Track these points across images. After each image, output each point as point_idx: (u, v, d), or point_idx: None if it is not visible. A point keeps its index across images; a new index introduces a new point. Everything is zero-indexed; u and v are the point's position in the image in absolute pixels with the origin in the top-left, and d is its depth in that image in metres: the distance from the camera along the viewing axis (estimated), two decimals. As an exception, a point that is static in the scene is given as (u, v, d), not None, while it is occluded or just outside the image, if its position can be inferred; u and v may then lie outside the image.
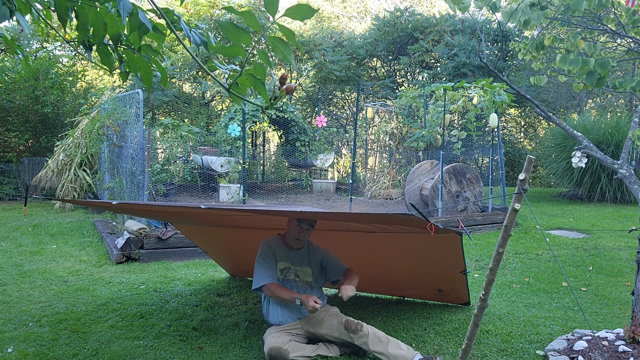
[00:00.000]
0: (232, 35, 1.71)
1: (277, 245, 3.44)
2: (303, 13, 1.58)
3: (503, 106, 8.95)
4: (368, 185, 11.25)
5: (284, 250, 3.42)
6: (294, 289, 3.32)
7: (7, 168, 10.96)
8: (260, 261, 3.34)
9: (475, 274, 5.45)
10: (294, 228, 3.35)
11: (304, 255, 3.44)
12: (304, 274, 3.41)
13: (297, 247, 3.42)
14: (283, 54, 1.67)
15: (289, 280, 3.36)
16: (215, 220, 3.78)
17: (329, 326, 3.19)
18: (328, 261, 3.50)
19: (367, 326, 3.09)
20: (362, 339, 3.02)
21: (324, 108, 15.89)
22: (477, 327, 2.41)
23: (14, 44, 2.79)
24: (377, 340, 3.00)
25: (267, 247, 3.42)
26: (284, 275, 3.36)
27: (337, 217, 3.64)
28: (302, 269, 3.41)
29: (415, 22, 14.03)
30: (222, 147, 9.89)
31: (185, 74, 12.84)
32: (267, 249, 3.40)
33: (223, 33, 1.72)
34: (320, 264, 3.49)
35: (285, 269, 3.38)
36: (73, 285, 4.84)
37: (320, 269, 3.49)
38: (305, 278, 3.40)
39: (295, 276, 3.38)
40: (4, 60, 11.54)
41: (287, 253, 3.42)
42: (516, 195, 2.22)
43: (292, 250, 3.43)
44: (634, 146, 3.78)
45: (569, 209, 9.96)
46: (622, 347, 3.03)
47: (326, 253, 3.54)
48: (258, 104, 1.75)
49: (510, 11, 3.32)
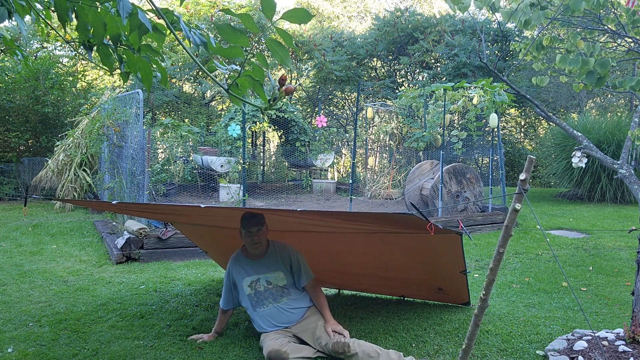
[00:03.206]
0: (230, 37, 1.72)
1: (240, 260, 3.38)
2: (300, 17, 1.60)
3: (503, 106, 8.95)
4: (368, 185, 11.25)
5: (248, 263, 3.35)
6: (268, 298, 3.27)
7: (7, 168, 10.96)
8: (224, 282, 3.46)
9: (475, 274, 5.45)
10: (244, 236, 3.27)
11: (270, 260, 3.35)
12: (276, 280, 3.32)
13: (258, 252, 3.32)
14: (280, 57, 1.68)
15: (260, 292, 3.29)
16: (214, 221, 3.78)
17: (320, 344, 3.12)
18: (298, 267, 3.38)
19: (354, 344, 2.99)
20: (352, 358, 2.96)
21: (324, 108, 15.89)
22: (477, 327, 2.41)
23: (14, 44, 2.79)
24: (367, 357, 2.93)
25: (228, 269, 3.41)
26: (254, 290, 3.30)
27: (337, 216, 3.64)
28: (273, 274, 3.32)
29: (415, 22, 14.03)
30: (222, 147, 9.89)
31: (185, 74, 12.85)
32: (227, 272, 3.42)
33: (220, 35, 1.73)
34: (290, 267, 3.37)
35: (253, 282, 3.31)
36: (73, 285, 4.84)
37: (290, 269, 3.37)
38: (278, 283, 3.31)
39: (267, 284, 3.29)
40: (4, 60, 11.54)
41: (252, 264, 3.33)
42: (517, 195, 2.22)
43: (257, 258, 3.35)
44: (634, 146, 3.78)
45: (569, 209, 9.96)
46: (622, 347, 3.03)
47: (295, 255, 3.40)
48: (257, 105, 1.75)
49: (510, 11, 3.32)
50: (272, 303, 3.28)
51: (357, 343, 3.01)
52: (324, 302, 3.35)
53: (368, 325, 3.65)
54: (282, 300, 3.29)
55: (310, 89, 15.92)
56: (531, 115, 17.27)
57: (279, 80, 1.78)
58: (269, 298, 3.28)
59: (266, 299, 3.29)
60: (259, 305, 3.30)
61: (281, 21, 1.62)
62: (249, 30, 1.71)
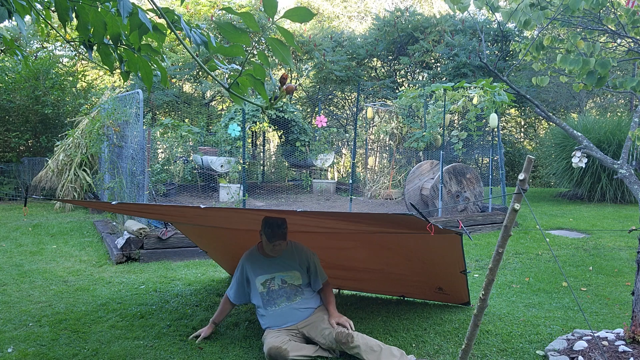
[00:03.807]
0: (231, 36, 1.72)
1: (256, 258, 3.38)
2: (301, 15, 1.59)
3: (503, 106, 8.95)
4: (368, 185, 11.25)
5: (263, 261, 3.36)
6: (282, 297, 3.28)
7: (7, 168, 10.96)
8: (236, 277, 3.43)
9: (475, 274, 5.45)
10: (265, 242, 3.28)
11: (287, 259, 3.36)
12: (292, 279, 3.33)
13: (277, 255, 3.36)
14: (282, 56, 1.68)
15: (273, 291, 3.30)
16: (214, 221, 3.78)
17: (323, 336, 3.15)
18: (314, 269, 3.41)
19: (358, 336, 3.02)
20: (355, 349, 2.98)
21: (324, 108, 15.89)
22: (477, 327, 2.42)
23: (14, 44, 2.79)
24: (370, 350, 2.95)
25: (241, 265, 3.41)
26: (267, 288, 3.31)
27: (337, 216, 3.64)
28: (289, 274, 3.33)
29: (415, 22, 14.03)
30: (222, 147, 9.89)
31: (185, 74, 12.85)
32: (240, 267, 3.41)
33: (222, 33, 1.73)
34: (307, 268, 3.40)
35: (267, 281, 3.32)
36: (73, 285, 4.84)
37: (307, 271, 3.40)
38: (293, 282, 3.32)
39: (282, 283, 3.30)
40: (4, 60, 11.55)
41: (268, 262, 3.35)
42: (516, 195, 2.22)
43: (273, 257, 3.36)
44: (634, 146, 3.78)
45: (569, 209, 9.96)
46: (622, 347, 3.03)
47: (312, 257, 3.44)
48: (258, 104, 1.75)
49: (510, 11, 3.32)
50: (285, 302, 3.29)
51: (361, 336, 3.04)
52: (332, 300, 3.39)
53: (368, 325, 3.66)
54: (296, 299, 3.30)
55: (310, 89, 15.92)
56: (531, 115, 17.26)
57: (279, 79, 1.78)
58: (282, 297, 3.29)
59: (279, 297, 3.29)
60: (270, 304, 3.30)
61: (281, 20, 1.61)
62: (250, 30, 1.71)
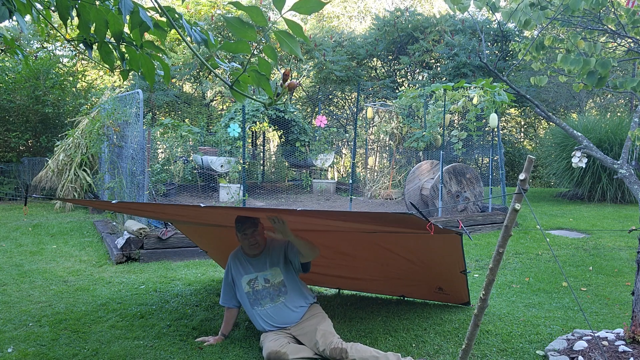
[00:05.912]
0: (238, 30, 1.69)
1: (239, 258, 3.40)
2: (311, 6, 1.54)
3: (503, 106, 8.94)
4: (368, 185, 11.25)
5: (246, 261, 3.37)
6: (266, 297, 3.28)
7: (7, 168, 10.96)
8: (224, 279, 3.47)
9: (475, 274, 5.45)
10: (241, 239, 3.29)
11: (267, 257, 3.35)
12: (274, 277, 3.32)
13: (257, 252, 3.35)
14: (290, 47, 1.65)
15: (258, 291, 3.30)
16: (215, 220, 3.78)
17: (317, 347, 3.09)
18: (291, 248, 3.35)
19: (352, 349, 2.96)
20: None
21: (324, 108, 15.89)
22: (477, 327, 2.41)
23: (14, 44, 2.79)
24: None
25: (228, 267, 3.43)
26: (252, 288, 3.31)
27: (337, 216, 3.64)
28: (271, 271, 3.33)
29: (415, 22, 14.03)
30: (222, 147, 9.88)
31: (185, 74, 12.85)
32: (227, 269, 3.43)
33: (229, 29, 1.71)
34: (285, 256, 3.36)
35: (251, 280, 3.32)
36: (73, 285, 4.84)
37: (285, 260, 3.36)
38: (275, 280, 3.32)
39: (265, 282, 3.30)
40: (5, 60, 11.54)
41: (251, 262, 3.35)
42: (516, 195, 2.22)
43: (255, 257, 3.36)
44: (634, 146, 3.78)
45: (569, 209, 9.96)
46: (622, 347, 3.02)
47: (286, 243, 3.39)
48: (261, 100, 1.74)
49: (510, 11, 3.32)
50: (269, 302, 3.28)
51: (355, 348, 2.97)
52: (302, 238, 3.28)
53: (368, 325, 3.65)
54: (279, 300, 3.28)
55: (310, 89, 15.92)
56: (531, 115, 17.27)
57: (282, 76, 1.77)
58: (266, 297, 3.29)
59: (264, 297, 3.29)
60: (256, 304, 3.30)
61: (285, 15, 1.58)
62: (256, 24, 1.69)
